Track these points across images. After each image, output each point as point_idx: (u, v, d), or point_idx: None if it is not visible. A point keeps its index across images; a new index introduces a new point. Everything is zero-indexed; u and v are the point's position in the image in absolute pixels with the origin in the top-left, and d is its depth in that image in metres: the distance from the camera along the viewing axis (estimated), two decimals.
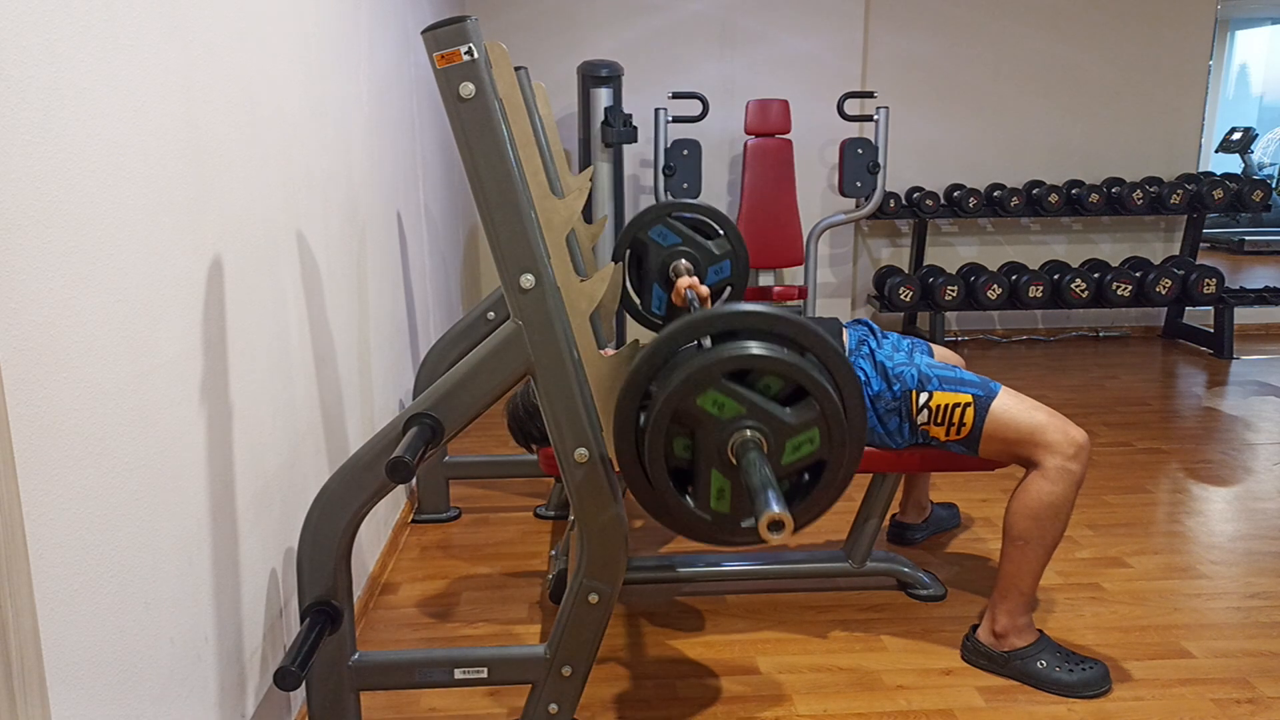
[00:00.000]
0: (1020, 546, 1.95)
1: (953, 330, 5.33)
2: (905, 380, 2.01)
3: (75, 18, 1.08)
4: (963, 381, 2.00)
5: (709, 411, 1.33)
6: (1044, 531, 1.93)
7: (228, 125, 1.53)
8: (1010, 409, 1.95)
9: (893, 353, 2.12)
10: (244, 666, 1.56)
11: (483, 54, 1.41)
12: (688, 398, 1.33)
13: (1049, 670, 1.94)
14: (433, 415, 1.53)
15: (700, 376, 1.32)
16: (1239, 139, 7.11)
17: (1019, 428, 1.94)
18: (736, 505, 1.38)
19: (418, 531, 2.79)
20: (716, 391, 1.33)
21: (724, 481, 1.36)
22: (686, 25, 4.85)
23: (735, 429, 1.33)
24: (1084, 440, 1.92)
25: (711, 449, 1.35)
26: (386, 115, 2.76)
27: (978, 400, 1.96)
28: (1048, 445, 1.91)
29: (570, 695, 1.67)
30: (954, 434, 1.99)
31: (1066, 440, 1.91)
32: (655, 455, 1.36)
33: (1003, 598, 1.99)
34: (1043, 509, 1.92)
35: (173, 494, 1.30)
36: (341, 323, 2.21)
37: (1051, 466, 1.91)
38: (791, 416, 1.35)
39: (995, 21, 5.01)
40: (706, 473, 1.36)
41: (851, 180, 4.45)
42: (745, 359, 1.34)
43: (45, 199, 1.01)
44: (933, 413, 1.98)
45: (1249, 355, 4.86)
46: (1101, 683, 1.93)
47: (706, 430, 1.35)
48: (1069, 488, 1.91)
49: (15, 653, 0.91)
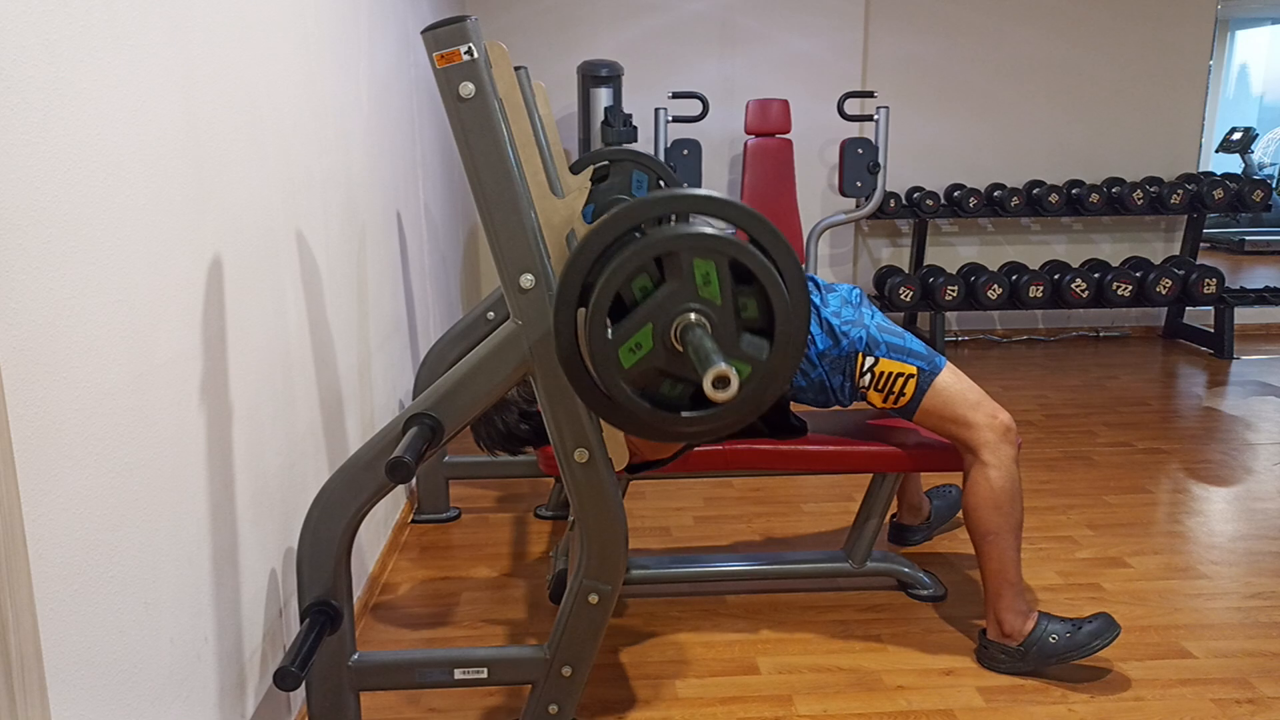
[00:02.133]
0: (993, 540, 1.98)
1: (953, 330, 5.33)
2: (853, 340, 2.04)
3: (75, 17, 1.08)
4: (910, 352, 2.04)
5: (694, 275, 1.29)
6: (1007, 517, 1.98)
7: (228, 125, 1.53)
8: (949, 387, 2.01)
9: (840, 307, 2.11)
10: (244, 667, 1.56)
11: (483, 54, 1.41)
12: (697, 250, 1.28)
13: (1063, 640, 1.96)
14: (433, 415, 1.53)
15: (723, 245, 1.28)
16: (1239, 139, 7.11)
17: (953, 407, 2.01)
18: (641, 371, 1.32)
19: (418, 531, 2.79)
20: (714, 263, 1.28)
21: (647, 343, 1.31)
22: (686, 25, 4.85)
23: (697, 309, 1.29)
24: (1009, 422, 2.01)
25: (664, 309, 1.29)
26: (386, 115, 2.76)
27: (921, 375, 2.01)
28: (976, 427, 1.99)
29: (570, 695, 1.67)
30: (891, 402, 2.04)
31: (994, 423, 1.99)
32: (618, 273, 1.29)
33: (997, 597, 2.01)
34: (999, 495, 1.97)
35: (173, 494, 1.30)
36: (341, 323, 2.21)
37: (985, 453, 1.98)
38: (744, 343, 1.31)
39: (995, 21, 5.01)
40: (642, 322, 1.30)
41: (851, 180, 4.45)
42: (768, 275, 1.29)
43: (45, 199, 1.01)
44: (875, 378, 2.03)
45: (1249, 355, 4.86)
46: (1110, 628, 1.97)
47: (678, 290, 1.29)
48: (1010, 467, 1.98)
49: (15, 653, 0.91)
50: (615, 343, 1.30)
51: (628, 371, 1.31)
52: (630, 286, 1.31)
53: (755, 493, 3.05)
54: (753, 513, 2.90)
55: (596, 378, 1.35)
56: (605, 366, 1.31)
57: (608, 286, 1.29)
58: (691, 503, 2.97)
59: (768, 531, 2.76)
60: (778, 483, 3.10)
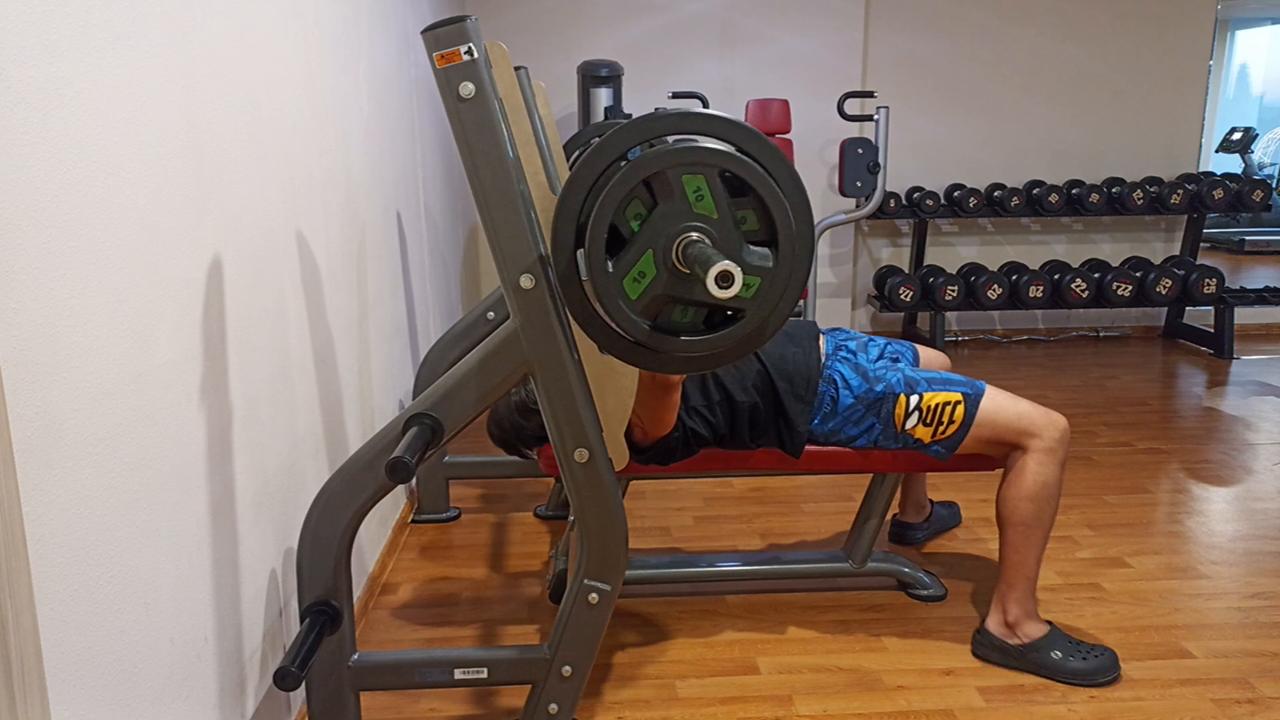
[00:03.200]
0: (1022, 531, 1.98)
1: (953, 330, 5.33)
2: (890, 383, 2.05)
3: (75, 17, 1.08)
4: (949, 381, 2.06)
5: (685, 192, 1.25)
6: (1042, 513, 1.98)
7: (228, 125, 1.53)
8: (997, 401, 2.03)
9: (876, 358, 2.19)
10: (244, 666, 1.56)
11: (483, 54, 1.41)
12: (682, 166, 1.25)
13: (1064, 660, 1.96)
14: (433, 415, 1.53)
15: (708, 156, 1.24)
16: (1239, 139, 7.11)
17: (1007, 419, 2.01)
18: (647, 302, 1.29)
19: (418, 531, 2.79)
20: (704, 177, 1.25)
21: (651, 270, 1.28)
22: (686, 25, 4.85)
23: (695, 227, 1.26)
24: (1065, 425, 2.01)
25: (661, 233, 1.26)
26: (386, 115, 2.76)
27: (967, 398, 2.02)
28: (1035, 433, 1.99)
29: (570, 695, 1.66)
30: (941, 432, 2.03)
31: (1052, 425, 1.99)
32: (609, 201, 1.26)
33: (1010, 587, 2.01)
34: (1039, 490, 1.97)
35: (172, 494, 1.30)
36: (341, 323, 2.21)
37: (1039, 450, 1.98)
38: (750, 255, 1.28)
39: (995, 21, 5.01)
40: (642, 250, 1.27)
41: (851, 180, 4.45)
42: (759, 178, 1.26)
43: (45, 199, 1.01)
44: (924, 413, 2.03)
45: (1249, 355, 4.86)
46: (1113, 668, 1.97)
47: (671, 210, 1.26)
48: (1056, 469, 1.98)
49: (15, 653, 0.91)
50: (618, 275, 1.28)
51: (635, 303, 1.29)
52: (624, 217, 1.28)
53: (755, 493, 3.05)
54: (753, 513, 2.90)
55: (606, 316, 1.32)
56: (612, 301, 1.28)
57: (599, 220, 1.26)
58: (691, 503, 2.97)
59: (768, 531, 2.76)
60: (778, 483, 3.10)
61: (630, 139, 1.30)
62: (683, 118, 1.30)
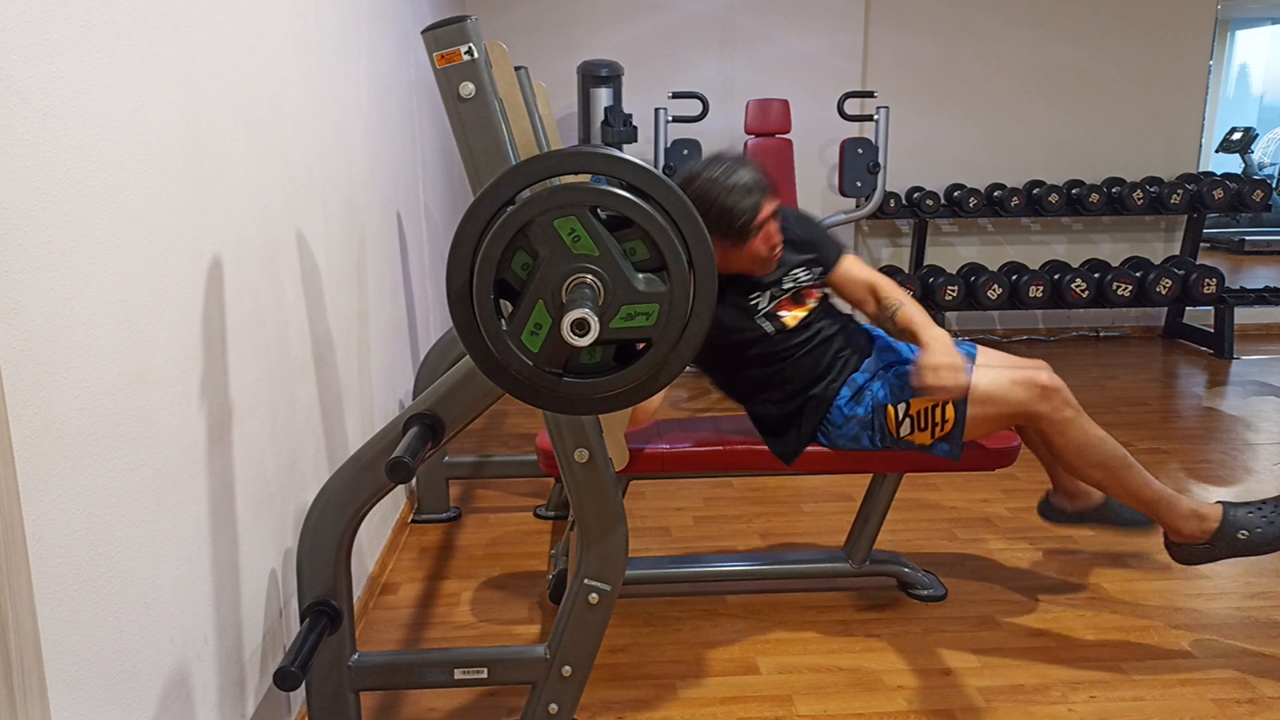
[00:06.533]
0: (1119, 484, 2.01)
1: (953, 330, 5.33)
2: (877, 398, 2.06)
3: (75, 17, 1.08)
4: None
5: (562, 236, 1.24)
6: (1112, 461, 2.00)
7: (228, 125, 1.53)
8: (984, 385, 2.00)
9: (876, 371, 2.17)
10: (244, 666, 1.56)
11: (483, 54, 1.41)
12: (550, 211, 1.24)
13: (1254, 535, 1.95)
14: (433, 415, 1.53)
15: (573, 196, 1.23)
16: (1239, 139, 7.11)
17: (995, 405, 2.00)
18: (548, 349, 1.28)
19: (418, 531, 2.79)
20: (579, 220, 1.24)
21: (546, 320, 1.26)
22: (686, 25, 4.85)
23: (579, 269, 1.24)
24: (1046, 380, 2.01)
25: (547, 280, 1.25)
26: (386, 115, 2.76)
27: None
28: (1035, 413, 1.99)
29: (570, 695, 1.66)
30: (939, 433, 2.03)
31: (1043, 397, 1.99)
32: (488, 262, 1.26)
33: (1155, 517, 2.03)
34: (1088, 453, 1.99)
35: (172, 494, 1.30)
36: (341, 323, 2.21)
37: (1053, 424, 1.99)
38: (641, 283, 1.26)
39: (995, 21, 5.01)
40: (532, 303, 1.26)
41: (851, 180, 4.45)
42: (631, 206, 1.24)
43: (45, 199, 1.01)
44: (915, 419, 2.04)
45: (1249, 355, 4.86)
46: None
47: (552, 257, 1.25)
48: (1080, 420, 2.00)
49: (15, 653, 0.91)
50: (514, 331, 1.27)
51: (539, 355, 1.27)
52: (512, 270, 1.27)
53: (755, 493, 3.05)
54: (753, 513, 2.90)
55: (513, 370, 1.30)
56: (514, 359, 1.27)
57: (482, 279, 1.25)
58: (691, 503, 2.97)
59: (768, 531, 2.76)
60: (778, 483, 3.10)
61: (503, 193, 1.29)
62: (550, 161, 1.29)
